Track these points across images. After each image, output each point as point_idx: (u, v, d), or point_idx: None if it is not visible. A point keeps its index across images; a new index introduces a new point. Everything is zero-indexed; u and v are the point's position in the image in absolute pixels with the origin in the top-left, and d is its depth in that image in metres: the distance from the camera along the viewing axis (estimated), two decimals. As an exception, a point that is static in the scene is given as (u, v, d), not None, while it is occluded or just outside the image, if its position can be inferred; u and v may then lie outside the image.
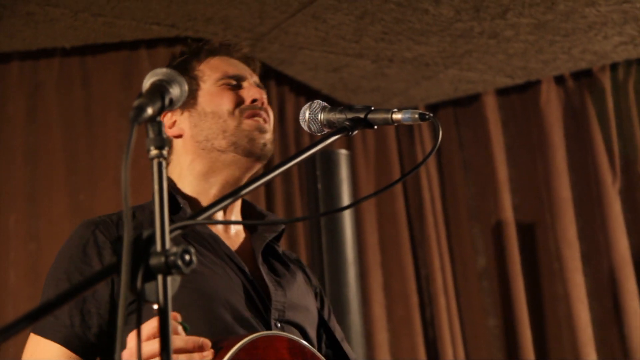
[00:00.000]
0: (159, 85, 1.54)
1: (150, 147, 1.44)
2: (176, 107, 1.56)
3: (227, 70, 2.23)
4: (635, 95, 4.57)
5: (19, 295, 3.68)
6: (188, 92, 2.13)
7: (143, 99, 1.49)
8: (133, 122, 1.45)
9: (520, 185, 4.72)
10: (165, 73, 1.55)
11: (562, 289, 4.49)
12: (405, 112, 1.87)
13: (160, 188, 1.44)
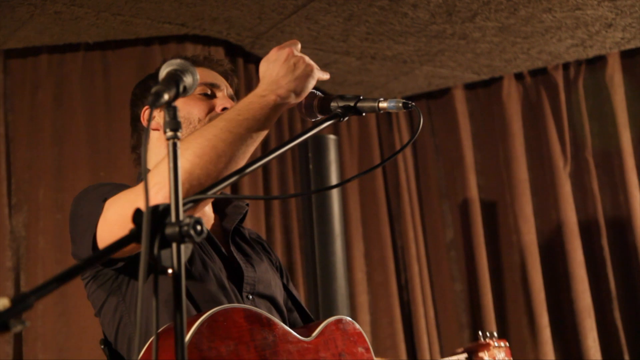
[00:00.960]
0: (174, 74, 1.52)
1: (167, 129, 1.42)
2: (189, 93, 1.53)
3: (206, 79, 2.18)
4: (584, 91, 4.56)
5: (46, 259, 3.65)
6: None
7: (160, 86, 1.47)
8: (152, 107, 1.42)
9: (484, 167, 4.72)
10: (180, 63, 1.53)
11: (519, 258, 4.49)
12: (390, 101, 1.88)
13: (174, 165, 1.41)
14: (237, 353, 1.77)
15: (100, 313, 2.02)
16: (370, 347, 2.15)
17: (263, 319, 1.90)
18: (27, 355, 3.59)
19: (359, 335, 2.14)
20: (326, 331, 2.06)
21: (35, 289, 1.21)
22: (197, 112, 2.12)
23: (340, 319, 2.11)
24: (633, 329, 4.31)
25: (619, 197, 4.43)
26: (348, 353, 2.08)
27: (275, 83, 1.87)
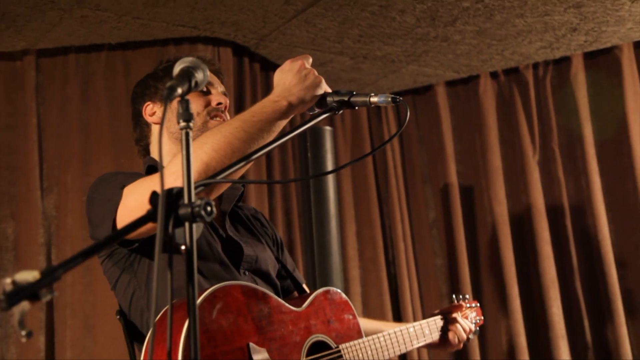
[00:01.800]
0: (187, 71, 1.51)
1: (180, 120, 1.41)
2: (200, 88, 1.52)
3: None
4: (551, 89, 4.55)
5: (74, 236, 3.65)
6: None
7: (174, 81, 1.46)
8: (166, 100, 1.41)
9: (463, 156, 4.71)
10: (192, 61, 1.52)
11: (493, 236, 4.49)
12: (380, 96, 1.89)
13: (187, 153, 1.40)
14: (236, 324, 1.78)
15: (115, 288, 2.04)
16: (355, 314, 2.17)
17: (259, 293, 1.91)
18: (57, 321, 3.59)
19: (345, 303, 2.15)
20: (316, 301, 2.07)
21: (63, 262, 1.20)
22: (195, 107, 2.07)
23: (328, 290, 2.13)
24: (592, 298, 4.31)
25: (581, 182, 4.42)
26: (336, 319, 2.10)
27: (287, 91, 1.88)
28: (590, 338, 4.28)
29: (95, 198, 1.96)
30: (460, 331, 2.46)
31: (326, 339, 2.04)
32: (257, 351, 1.82)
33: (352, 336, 2.11)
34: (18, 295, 1.13)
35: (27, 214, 3.66)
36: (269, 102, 1.88)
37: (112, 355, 3.49)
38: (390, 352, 2.22)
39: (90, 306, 3.58)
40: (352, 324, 2.15)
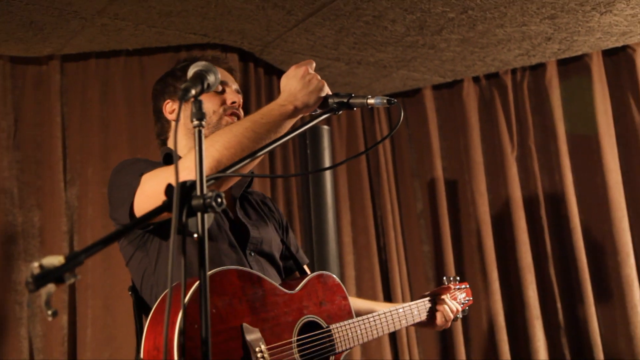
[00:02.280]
0: (200, 74, 1.50)
1: (194, 119, 1.40)
2: (212, 90, 1.52)
3: None
4: (528, 92, 4.55)
5: (94, 224, 3.64)
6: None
7: (188, 83, 1.45)
8: (181, 100, 1.41)
9: (448, 153, 4.71)
10: (204, 65, 1.52)
11: (475, 225, 4.49)
12: (376, 98, 1.89)
13: (199, 148, 1.40)
14: (231, 306, 1.76)
15: (129, 264, 2.05)
16: (347, 296, 2.15)
17: (254, 277, 1.90)
18: (79, 301, 3.59)
19: (338, 286, 2.14)
20: (309, 284, 2.05)
21: (85, 248, 1.20)
22: (211, 106, 2.10)
23: (321, 274, 2.12)
24: (564, 281, 4.32)
25: (555, 177, 4.43)
26: (328, 301, 2.08)
27: (293, 95, 1.88)
28: (562, 318, 4.28)
29: (116, 181, 1.96)
30: (447, 312, 2.44)
31: (318, 320, 2.02)
32: (250, 331, 1.81)
33: (342, 317, 2.10)
34: (45, 278, 1.13)
35: (52, 204, 3.66)
36: (277, 105, 1.88)
37: (129, 331, 3.48)
38: (379, 331, 2.20)
39: (109, 288, 3.58)
40: (343, 306, 2.13)
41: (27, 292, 1.12)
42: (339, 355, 2.04)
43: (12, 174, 3.64)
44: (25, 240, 3.60)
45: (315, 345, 1.98)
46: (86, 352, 3.52)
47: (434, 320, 2.44)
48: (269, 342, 1.85)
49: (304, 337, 1.95)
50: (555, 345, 4.26)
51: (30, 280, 1.12)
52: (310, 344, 1.96)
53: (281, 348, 1.87)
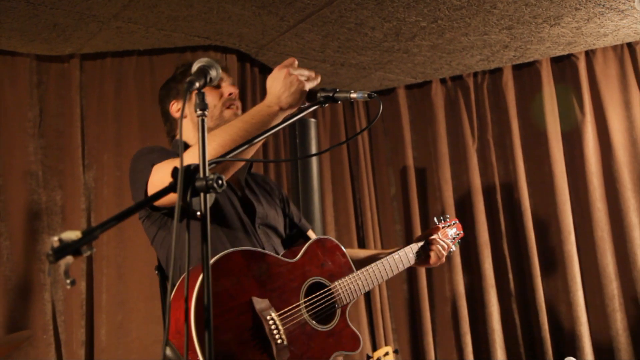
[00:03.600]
0: (203, 69, 1.46)
1: (197, 109, 1.37)
2: (214, 83, 1.47)
3: None
4: (487, 93, 4.52)
5: (109, 203, 3.58)
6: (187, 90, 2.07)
7: (192, 77, 1.41)
8: (186, 92, 1.37)
9: (418, 144, 4.67)
10: (207, 61, 1.47)
11: (440, 207, 4.47)
12: (359, 93, 1.85)
13: (202, 136, 1.36)
14: (239, 284, 1.72)
15: (153, 243, 2.01)
16: (345, 253, 2.11)
17: (257, 254, 1.86)
18: (95, 270, 3.56)
19: (336, 246, 2.10)
20: (309, 250, 2.01)
21: (100, 224, 1.17)
22: (212, 100, 2.08)
23: (319, 238, 2.08)
24: (515, 255, 4.32)
25: (509, 166, 4.42)
26: (328, 261, 2.04)
27: (277, 97, 1.85)
28: (513, 287, 4.29)
29: (133, 168, 1.94)
30: (439, 250, 2.37)
31: (321, 280, 1.99)
32: (259, 302, 1.77)
33: (344, 273, 2.06)
34: (63, 250, 1.10)
35: (72, 185, 3.60)
36: (264, 107, 1.85)
37: (139, 297, 3.46)
38: (379, 279, 2.17)
39: (122, 259, 3.55)
40: (344, 263, 2.09)
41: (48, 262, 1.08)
42: (345, 307, 2.01)
43: (37, 159, 3.59)
44: (49, 216, 3.55)
45: (321, 303, 1.95)
46: (102, 314, 3.49)
47: (428, 259, 2.38)
48: (279, 308, 1.81)
49: (310, 298, 1.92)
50: (506, 310, 4.27)
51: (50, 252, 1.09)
52: (316, 303, 1.94)
53: (291, 312, 1.84)
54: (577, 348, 3.98)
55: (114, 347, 3.46)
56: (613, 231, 4.12)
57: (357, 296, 2.05)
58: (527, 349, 4.18)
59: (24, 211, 3.49)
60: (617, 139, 4.18)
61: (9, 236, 3.42)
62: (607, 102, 4.23)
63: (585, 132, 4.23)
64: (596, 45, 4.23)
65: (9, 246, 3.41)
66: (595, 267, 4.11)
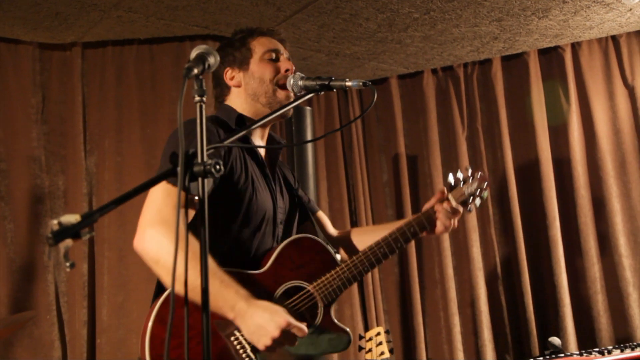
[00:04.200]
0: (201, 56, 1.41)
1: (195, 95, 1.33)
2: (211, 70, 1.42)
3: (270, 46, 2.04)
4: (477, 83, 4.48)
5: (110, 188, 3.55)
6: (243, 58, 1.97)
7: (191, 63, 1.37)
8: (185, 77, 1.33)
9: (409, 132, 4.62)
10: (205, 48, 1.43)
11: (431, 193, 4.40)
12: (354, 81, 1.81)
13: (200, 121, 1.33)
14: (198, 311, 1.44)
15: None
16: (325, 247, 1.92)
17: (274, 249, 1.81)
18: (97, 253, 3.53)
19: (314, 243, 1.91)
20: (280, 256, 1.85)
21: (99, 208, 1.15)
22: (268, 74, 1.99)
23: (294, 239, 1.90)
24: (502, 240, 4.32)
25: (497, 154, 4.40)
26: (306, 262, 1.87)
27: (243, 318, 1.63)
28: (500, 270, 4.29)
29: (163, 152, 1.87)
30: (444, 219, 2.05)
31: (299, 283, 1.83)
32: (220, 324, 1.66)
33: (325, 270, 1.87)
34: (63, 234, 1.07)
35: (74, 170, 3.56)
36: (228, 305, 1.61)
37: (140, 278, 3.43)
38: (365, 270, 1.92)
39: (122, 242, 3.51)
40: (324, 259, 1.89)
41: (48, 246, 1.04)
42: (329, 306, 1.85)
43: (40, 144, 3.54)
44: (52, 200, 3.52)
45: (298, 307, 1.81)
46: (103, 295, 3.46)
47: (434, 228, 2.08)
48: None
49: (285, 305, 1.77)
50: (493, 292, 4.26)
51: (50, 236, 1.05)
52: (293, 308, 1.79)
53: None
54: (560, 328, 3.98)
55: (115, 326, 3.44)
56: (596, 217, 4.12)
57: (340, 292, 1.86)
58: (513, 329, 4.18)
59: (28, 195, 3.45)
60: (601, 129, 4.17)
61: (13, 219, 3.39)
62: (591, 93, 4.22)
63: (570, 122, 4.21)
64: (582, 38, 4.20)
65: (13, 229, 3.38)
66: (579, 251, 4.10)
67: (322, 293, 1.85)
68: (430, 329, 4.30)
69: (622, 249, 4.01)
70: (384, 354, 3.17)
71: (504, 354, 4.17)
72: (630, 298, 3.95)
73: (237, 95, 2.02)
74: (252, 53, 2.01)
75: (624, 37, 4.20)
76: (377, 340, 3.20)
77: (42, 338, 3.33)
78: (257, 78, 1.99)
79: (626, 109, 4.18)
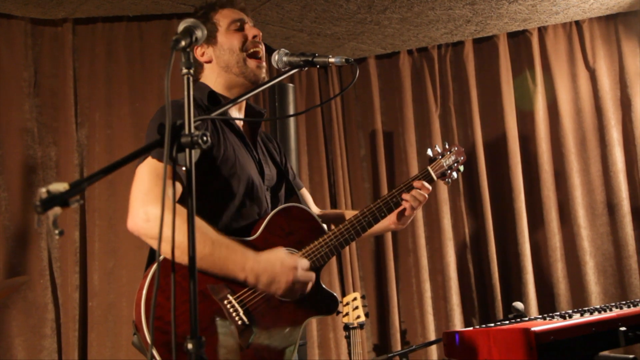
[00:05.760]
0: (189, 29, 1.35)
1: (183, 68, 1.27)
2: (200, 43, 1.36)
3: (234, 17, 1.95)
4: (449, 64, 4.44)
5: (101, 159, 3.47)
6: (210, 33, 1.90)
7: (178, 35, 1.30)
8: (172, 49, 1.27)
9: (386, 109, 4.58)
10: (193, 22, 1.36)
11: (406, 168, 4.42)
12: (336, 58, 1.76)
13: (188, 94, 1.27)
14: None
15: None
16: (314, 217, 1.89)
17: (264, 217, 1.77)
18: (88, 221, 3.47)
19: (302, 211, 1.88)
20: (269, 223, 1.81)
21: (87, 177, 1.08)
22: (236, 43, 1.90)
23: (284, 207, 1.86)
24: (471, 212, 4.32)
25: (468, 131, 4.38)
26: (295, 229, 1.84)
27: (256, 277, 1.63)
28: (468, 239, 4.31)
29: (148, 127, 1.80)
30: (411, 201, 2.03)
31: (288, 250, 1.79)
32: (214, 289, 1.63)
33: (314, 237, 1.83)
34: (51, 202, 1.01)
35: (66, 142, 3.47)
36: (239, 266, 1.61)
37: (129, 246, 3.39)
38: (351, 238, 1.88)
39: (113, 211, 3.45)
40: (313, 227, 1.86)
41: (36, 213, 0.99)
42: (317, 273, 1.81)
43: (33, 116, 3.45)
44: (44, 171, 3.43)
45: None
46: (94, 261, 3.41)
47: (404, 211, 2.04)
48: (237, 291, 1.66)
49: None
50: (462, 260, 4.29)
51: (38, 204, 1.00)
52: None
53: (250, 292, 1.67)
54: (523, 294, 4.03)
55: (105, 291, 3.40)
56: (557, 190, 4.15)
57: (328, 259, 1.83)
58: (479, 295, 4.22)
59: (21, 165, 3.37)
60: (564, 108, 4.18)
61: (7, 188, 3.31)
62: (556, 75, 4.22)
63: (536, 101, 4.21)
64: (548, 22, 4.18)
65: (7, 197, 3.30)
66: (541, 222, 4.14)
67: (311, 259, 1.81)
68: (403, 295, 4.33)
69: (581, 220, 4.05)
70: (360, 318, 3.18)
71: (470, 318, 4.21)
72: (587, 266, 4.00)
73: (211, 71, 1.94)
74: (217, 26, 1.93)
75: (586, 23, 4.19)
76: (354, 305, 3.21)
77: (36, 301, 3.29)
78: (226, 49, 1.91)
79: (587, 90, 4.19)
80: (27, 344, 3.22)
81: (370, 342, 4.31)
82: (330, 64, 1.72)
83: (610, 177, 4.06)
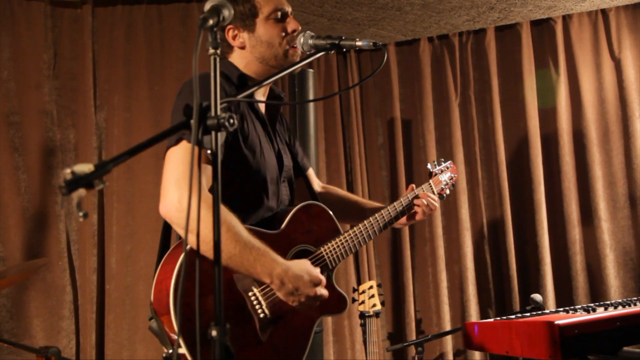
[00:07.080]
0: (216, 7, 1.30)
1: (209, 48, 1.23)
2: (227, 23, 1.31)
3: (277, 4, 1.82)
4: (470, 51, 4.36)
5: (119, 142, 3.48)
6: (248, 15, 1.79)
7: (206, 14, 1.26)
8: (200, 28, 1.22)
9: (405, 97, 4.52)
10: (220, 0, 1.31)
11: (424, 156, 4.38)
12: (364, 41, 1.70)
13: (214, 75, 1.23)
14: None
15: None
16: (332, 217, 1.90)
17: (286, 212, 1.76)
18: (106, 204, 3.48)
19: (322, 211, 1.88)
20: (293, 219, 1.81)
21: (113, 158, 1.07)
22: (276, 38, 1.79)
23: (305, 204, 1.86)
24: (489, 203, 4.27)
25: (488, 120, 4.32)
26: (315, 226, 1.85)
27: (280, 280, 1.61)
28: (486, 230, 4.26)
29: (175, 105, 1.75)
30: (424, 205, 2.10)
31: (307, 247, 1.81)
32: (240, 279, 1.61)
33: (330, 237, 1.86)
34: (76, 183, 0.99)
35: (84, 125, 3.48)
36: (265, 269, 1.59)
37: (147, 229, 3.39)
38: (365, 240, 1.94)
39: (130, 194, 3.46)
40: (330, 227, 1.89)
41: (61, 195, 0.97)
42: (331, 271, 1.84)
43: (52, 99, 3.45)
44: (63, 153, 3.44)
45: None
46: (112, 244, 3.42)
47: (415, 215, 2.12)
48: (261, 284, 1.65)
49: None
50: (479, 251, 4.25)
51: (63, 184, 0.98)
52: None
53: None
54: (540, 286, 3.98)
55: (123, 274, 3.41)
56: (578, 182, 4.08)
57: (342, 259, 1.86)
58: (496, 286, 4.18)
59: (40, 147, 3.38)
60: (587, 98, 4.11)
61: (26, 170, 3.32)
62: (580, 64, 4.14)
63: (558, 91, 4.13)
64: (573, 11, 4.09)
65: (26, 179, 3.31)
66: (561, 214, 4.08)
67: (328, 257, 1.83)
68: (419, 284, 4.30)
69: (602, 213, 3.99)
70: (376, 306, 3.15)
71: (486, 309, 4.18)
72: (607, 259, 3.94)
73: (241, 56, 1.83)
74: (258, 11, 1.79)
75: (613, 11, 4.09)
76: (370, 293, 3.19)
77: (55, 283, 3.31)
78: (264, 42, 1.80)
79: (612, 80, 4.10)
80: (45, 325, 3.25)
81: (385, 330, 4.29)
82: (357, 47, 1.68)
83: (633, 169, 3.98)
